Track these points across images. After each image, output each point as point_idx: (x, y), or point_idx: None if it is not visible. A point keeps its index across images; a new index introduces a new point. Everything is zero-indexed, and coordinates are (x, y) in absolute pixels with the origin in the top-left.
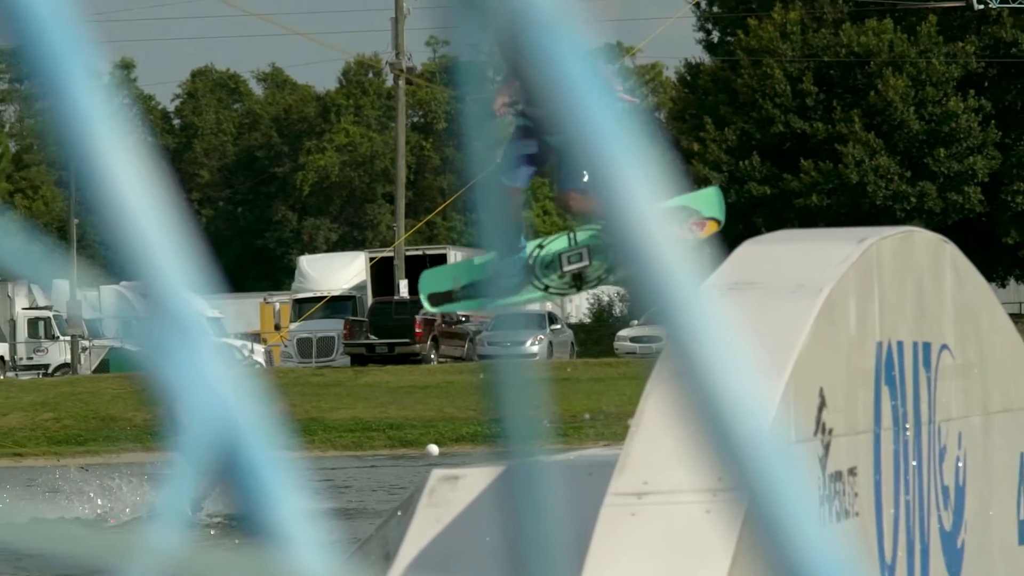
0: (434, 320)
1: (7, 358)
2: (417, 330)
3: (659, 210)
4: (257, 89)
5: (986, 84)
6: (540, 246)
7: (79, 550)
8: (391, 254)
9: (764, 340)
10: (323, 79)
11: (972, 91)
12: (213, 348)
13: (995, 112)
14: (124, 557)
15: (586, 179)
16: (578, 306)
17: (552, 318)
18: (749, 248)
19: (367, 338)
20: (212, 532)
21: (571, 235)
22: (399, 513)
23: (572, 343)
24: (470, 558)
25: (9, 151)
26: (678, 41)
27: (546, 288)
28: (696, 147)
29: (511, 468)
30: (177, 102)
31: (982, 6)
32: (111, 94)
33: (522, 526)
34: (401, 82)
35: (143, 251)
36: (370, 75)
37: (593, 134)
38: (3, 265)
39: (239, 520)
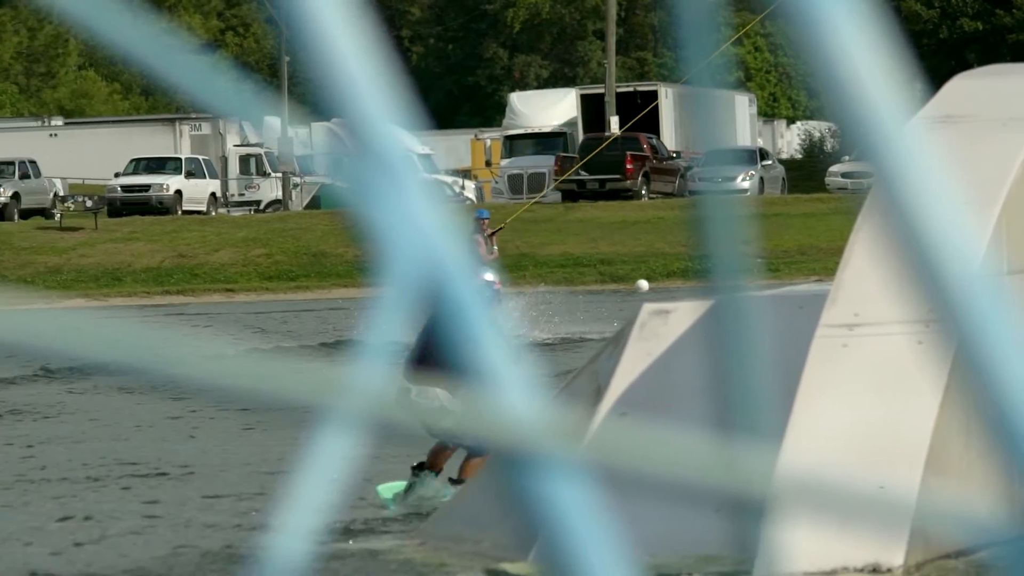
0: (645, 156)
1: (219, 195)
2: (628, 166)
3: (866, 45)
4: None
5: None
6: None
7: (286, 386)
8: (602, 91)
9: (975, 173)
10: None
11: None
12: (423, 185)
13: None
14: (330, 393)
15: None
16: (789, 142)
17: (763, 154)
18: (960, 82)
19: (578, 174)
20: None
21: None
22: (610, 347)
23: (783, 179)
24: (680, 390)
25: None
26: None
27: None
28: None
29: (721, 302)
30: None
31: None
32: None
33: (732, 359)
34: None
35: (352, 89)
36: None
37: None
38: (214, 103)
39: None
